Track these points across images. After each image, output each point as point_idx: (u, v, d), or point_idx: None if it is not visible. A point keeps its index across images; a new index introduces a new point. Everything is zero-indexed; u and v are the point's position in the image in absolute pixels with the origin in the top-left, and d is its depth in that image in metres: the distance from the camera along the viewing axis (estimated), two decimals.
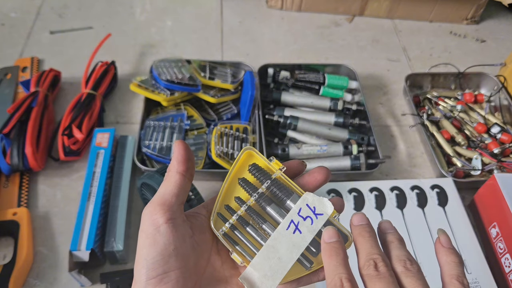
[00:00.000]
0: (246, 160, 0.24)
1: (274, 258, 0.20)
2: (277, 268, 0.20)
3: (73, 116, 0.54)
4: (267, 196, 0.23)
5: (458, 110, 0.63)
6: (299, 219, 0.21)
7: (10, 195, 0.51)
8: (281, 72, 0.64)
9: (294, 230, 0.21)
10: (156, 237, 0.20)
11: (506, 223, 0.45)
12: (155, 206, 0.21)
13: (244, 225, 0.22)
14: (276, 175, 0.23)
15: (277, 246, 0.21)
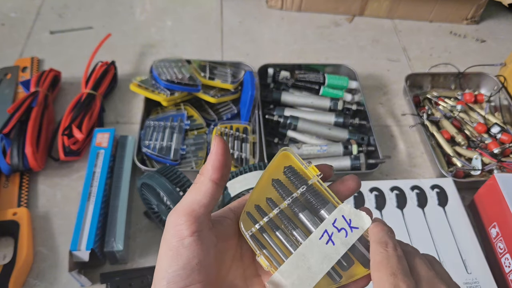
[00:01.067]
0: (282, 161, 0.23)
1: (304, 267, 0.20)
2: (306, 278, 0.19)
3: (73, 116, 0.54)
4: (301, 201, 0.22)
5: (458, 110, 0.63)
6: (334, 230, 0.20)
7: (10, 195, 0.50)
8: (281, 72, 0.64)
9: (327, 240, 0.20)
10: (179, 250, 0.19)
11: (506, 223, 0.45)
12: (181, 215, 0.19)
13: (274, 228, 0.21)
14: (312, 181, 0.22)
15: (308, 255, 0.20)
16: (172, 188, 0.40)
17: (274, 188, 0.22)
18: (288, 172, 0.22)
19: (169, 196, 0.40)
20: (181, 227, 0.19)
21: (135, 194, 0.52)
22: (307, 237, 0.20)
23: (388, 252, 0.19)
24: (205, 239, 0.19)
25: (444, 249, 0.45)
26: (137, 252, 0.47)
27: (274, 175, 0.22)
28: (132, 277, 0.44)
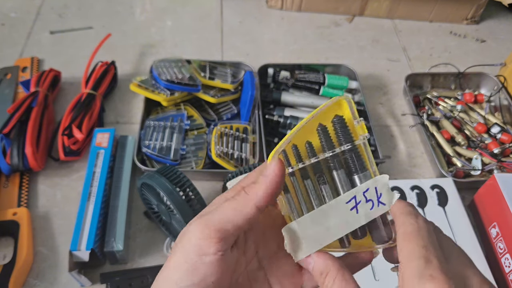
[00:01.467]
0: (334, 108, 0.20)
1: (323, 225, 0.19)
2: (321, 237, 0.19)
3: (73, 116, 0.54)
4: (340, 158, 0.20)
5: (458, 110, 0.63)
6: (362, 199, 0.20)
7: (10, 195, 0.50)
8: (281, 72, 0.64)
9: (352, 207, 0.19)
10: (197, 265, 0.17)
11: (506, 223, 0.45)
12: (211, 230, 0.17)
13: (304, 177, 0.20)
14: (358, 142, 0.20)
15: (331, 215, 0.19)
16: (172, 188, 0.40)
17: (318, 134, 0.20)
18: (337, 123, 0.20)
19: (169, 196, 0.40)
20: (207, 243, 0.17)
21: (135, 194, 0.52)
22: (334, 197, 0.20)
23: (419, 224, 0.18)
24: (228, 259, 0.18)
25: None
26: (137, 252, 0.48)
27: (322, 120, 0.20)
28: (132, 277, 0.44)
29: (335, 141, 0.20)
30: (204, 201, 0.42)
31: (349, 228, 0.20)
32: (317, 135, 0.20)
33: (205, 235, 0.17)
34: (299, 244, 0.19)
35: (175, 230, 0.45)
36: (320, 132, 0.20)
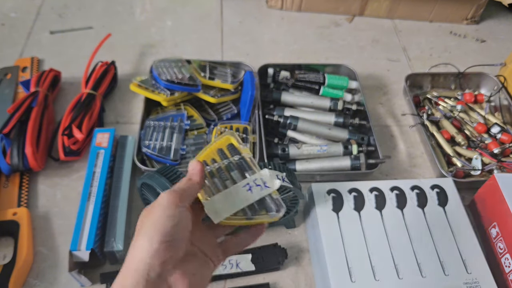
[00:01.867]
0: (225, 141, 0.33)
1: (229, 200, 0.29)
2: (229, 207, 0.29)
3: (73, 116, 0.54)
4: (234, 164, 0.32)
5: (458, 110, 0.63)
6: (253, 184, 0.30)
7: (10, 195, 0.51)
8: (281, 72, 0.64)
9: (248, 189, 0.30)
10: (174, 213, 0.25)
11: (506, 223, 0.45)
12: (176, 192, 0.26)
13: (212, 176, 0.31)
14: (244, 155, 0.32)
15: (234, 194, 0.29)
16: None
17: (218, 154, 0.32)
18: (229, 147, 0.32)
19: None
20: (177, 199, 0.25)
21: (135, 194, 0.52)
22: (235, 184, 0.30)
23: None
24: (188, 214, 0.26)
25: (444, 249, 0.45)
26: None
27: (219, 147, 0.33)
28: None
29: (229, 156, 0.32)
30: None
31: (248, 202, 0.29)
32: (218, 156, 0.32)
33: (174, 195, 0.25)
34: (215, 213, 0.28)
35: None
36: (219, 152, 0.32)
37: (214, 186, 0.30)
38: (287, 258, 0.47)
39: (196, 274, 0.26)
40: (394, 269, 0.44)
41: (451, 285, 0.43)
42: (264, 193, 0.30)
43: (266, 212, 0.30)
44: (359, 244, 0.45)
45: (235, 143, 0.32)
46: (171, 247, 0.24)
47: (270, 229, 0.51)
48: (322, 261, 0.44)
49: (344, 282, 0.42)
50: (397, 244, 0.45)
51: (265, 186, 0.30)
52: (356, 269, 0.43)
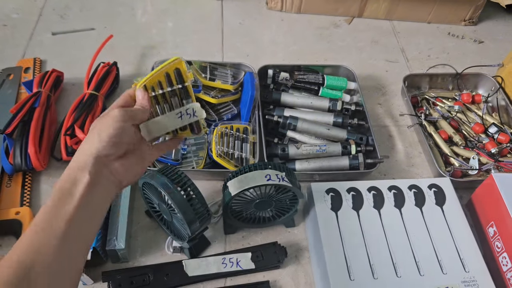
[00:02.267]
0: (176, 64, 0.37)
1: (161, 124, 0.37)
2: (159, 129, 0.37)
3: (76, 116, 0.55)
4: (175, 91, 0.38)
5: (456, 110, 0.64)
6: (185, 113, 0.38)
7: (13, 194, 0.51)
8: (281, 73, 0.64)
9: (179, 116, 0.38)
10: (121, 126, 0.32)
11: (504, 222, 0.46)
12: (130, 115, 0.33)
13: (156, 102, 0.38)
14: (187, 84, 0.38)
15: (166, 119, 0.37)
16: (173, 187, 0.41)
17: (165, 77, 0.37)
18: (176, 72, 0.37)
19: (170, 196, 0.40)
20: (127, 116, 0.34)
21: (136, 193, 0.53)
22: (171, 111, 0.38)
23: None
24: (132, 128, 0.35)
25: (442, 248, 0.46)
26: (138, 250, 0.48)
27: (168, 70, 0.37)
28: (134, 276, 0.44)
29: (174, 83, 0.37)
30: (205, 200, 0.43)
31: (177, 126, 0.38)
32: (164, 78, 0.37)
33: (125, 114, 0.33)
34: (149, 132, 0.36)
35: (176, 229, 0.46)
36: (166, 76, 0.37)
37: (154, 111, 0.38)
38: (287, 257, 0.47)
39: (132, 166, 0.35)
40: (393, 267, 0.44)
41: (449, 283, 0.43)
42: (192, 120, 0.38)
43: (190, 131, 0.40)
44: (358, 243, 0.45)
45: (183, 69, 0.37)
46: (114, 146, 0.32)
47: (270, 228, 0.51)
48: (321, 260, 0.45)
49: (343, 280, 0.42)
50: (396, 243, 0.46)
51: (194, 115, 0.38)
52: (355, 268, 0.43)
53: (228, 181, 0.44)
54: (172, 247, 0.48)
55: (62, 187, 0.30)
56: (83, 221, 0.30)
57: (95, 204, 0.31)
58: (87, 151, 0.31)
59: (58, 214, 0.29)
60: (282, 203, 0.46)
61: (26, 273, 0.26)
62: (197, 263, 0.46)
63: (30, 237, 0.28)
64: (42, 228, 0.28)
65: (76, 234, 0.29)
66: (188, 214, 0.41)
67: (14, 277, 0.26)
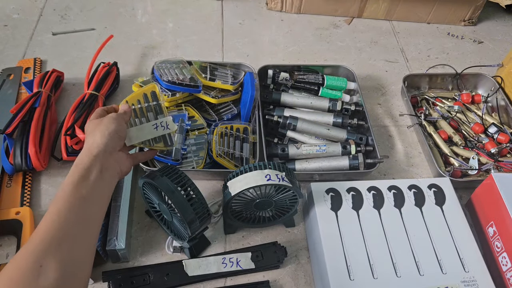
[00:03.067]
0: (150, 88, 0.47)
1: (140, 133, 0.44)
2: (138, 137, 0.44)
3: (76, 116, 0.55)
4: (151, 107, 0.46)
5: (456, 110, 0.64)
6: (159, 125, 0.45)
7: (13, 194, 0.51)
8: (280, 73, 0.64)
9: (155, 127, 0.45)
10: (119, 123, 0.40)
11: (503, 222, 0.46)
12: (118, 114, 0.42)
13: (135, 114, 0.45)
14: (161, 102, 0.47)
15: (144, 129, 0.44)
16: (174, 187, 0.41)
17: (143, 97, 0.46)
18: (152, 94, 0.47)
19: (170, 196, 0.40)
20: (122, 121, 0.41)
21: (137, 193, 0.53)
22: (148, 122, 0.45)
23: None
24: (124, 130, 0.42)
25: (441, 247, 0.46)
26: (139, 250, 0.48)
27: (145, 91, 0.47)
28: (134, 275, 0.44)
29: (150, 100, 0.46)
30: (205, 200, 0.43)
31: (153, 135, 0.45)
32: (142, 98, 0.46)
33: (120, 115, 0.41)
34: (130, 139, 0.43)
35: (177, 229, 0.46)
36: (143, 96, 0.46)
37: (134, 121, 0.44)
38: (287, 256, 0.47)
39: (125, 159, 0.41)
40: (392, 267, 0.44)
41: (449, 283, 0.43)
42: (165, 132, 0.45)
43: (163, 144, 0.46)
44: (358, 243, 0.45)
45: (157, 91, 0.47)
46: (116, 139, 0.39)
47: (270, 228, 0.51)
48: (321, 260, 0.45)
49: (343, 280, 0.42)
50: (395, 243, 0.46)
51: (167, 127, 0.45)
52: (354, 267, 0.43)
53: (228, 181, 0.44)
54: (172, 247, 0.48)
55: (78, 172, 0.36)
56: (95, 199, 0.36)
57: (105, 186, 0.38)
58: (95, 144, 0.37)
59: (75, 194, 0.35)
60: (282, 203, 0.46)
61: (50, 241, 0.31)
62: (197, 263, 0.46)
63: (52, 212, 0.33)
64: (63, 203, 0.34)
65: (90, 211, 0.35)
66: (188, 214, 0.41)
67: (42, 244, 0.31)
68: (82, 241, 0.34)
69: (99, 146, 0.37)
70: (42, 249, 0.31)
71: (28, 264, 0.30)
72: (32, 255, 0.30)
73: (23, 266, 0.30)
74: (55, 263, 0.30)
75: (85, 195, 0.35)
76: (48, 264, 0.30)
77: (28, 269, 0.29)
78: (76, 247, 0.33)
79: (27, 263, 0.30)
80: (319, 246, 0.45)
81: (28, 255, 0.30)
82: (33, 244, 0.31)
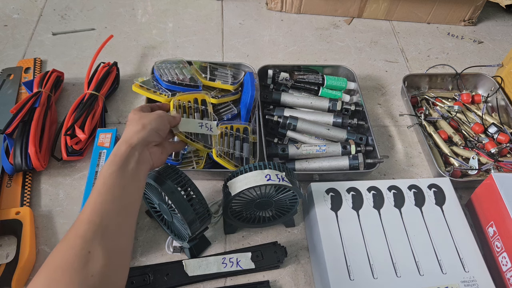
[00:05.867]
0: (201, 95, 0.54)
1: (187, 125, 0.47)
2: (185, 127, 0.47)
3: (76, 117, 0.55)
4: (200, 110, 0.52)
5: (456, 110, 0.64)
6: (204, 125, 0.49)
7: (13, 194, 0.51)
8: (280, 73, 0.64)
9: (200, 125, 0.49)
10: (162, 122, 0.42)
11: (503, 222, 0.46)
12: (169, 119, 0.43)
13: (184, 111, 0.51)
14: (209, 108, 0.53)
15: (191, 123, 0.48)
16: (174, 187, 0.41)
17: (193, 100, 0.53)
18: (202, 101, 0.54)
19: (170, 196, 0.40)
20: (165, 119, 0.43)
21: None
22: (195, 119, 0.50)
23: None
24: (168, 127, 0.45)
25: (441, 247, 0.46)
26: (139, 250, 0.48)
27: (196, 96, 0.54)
28: (134, 275, 0.44)
29: (199, 104, 0.53)
30: (205, 200, 0.43)
31: (197, 131, 0.48)
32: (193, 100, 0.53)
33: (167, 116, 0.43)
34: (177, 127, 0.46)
35: (177, 229, 0.46)
36: (194, 99, 0.53)
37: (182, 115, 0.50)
38: (287, 256, 0.47)
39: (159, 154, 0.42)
40: (392, 267, 0.44)
41: (449, 283, 0.43)
42: (208, 133, 0.49)
43: (203, 143, 0.49)
44: (358, 243, 0.45)
45: (207, 99, 0.54)
46: (155, 135, 0.40)
47: (270, 228, 0.51)
48: (321, 260, 0.45)
49: (342, 280, 0.43)
50: (395, 243, 0.46)
51: (210, 129, 0.49)
52: (354, 267, 0.43)
53: (228, 181, 0.44)
54: (172, 247, 0.48)
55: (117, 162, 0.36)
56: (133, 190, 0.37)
57: (141, 178, 0.38)
58: (136, 136, 0.39)
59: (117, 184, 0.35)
60: (282, 203, 0.46)
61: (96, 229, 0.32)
62: (197, 263, 0.46)
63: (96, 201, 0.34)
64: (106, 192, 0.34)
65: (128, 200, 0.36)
66: (188, 214, 0.41)
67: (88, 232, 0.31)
68: (125, 230, 0.34)
69: (139, 138, 0.38)
70: (91, 235, 0.31)
71: (76, 250, 0.29)
72: (81, 239, 0.30)
73: (71, 253, 0.29)
74: (102, 250, 0.30)
75: (125, 185, 0.35)
76: (96, 251, 0.30)
77: (76, 255, 0.29)
78: (120, 236, 0.33)
79: (75, 249, 0.30)
80: (319, 246, 0.45)
81: (78, 239, 0.30)
82: (82, 229, 0.31)
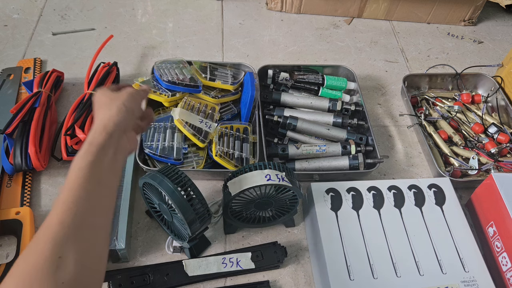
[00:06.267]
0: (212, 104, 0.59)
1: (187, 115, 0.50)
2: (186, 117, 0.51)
3: (76, 116, 0.55)
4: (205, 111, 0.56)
5: (456, 110, 0.64)
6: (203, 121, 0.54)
7: (13, 194, 0.51)
8: (280, 73, 0.64)
9: (200, 121, 0.52)
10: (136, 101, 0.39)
11: (503, 222, 0.46)
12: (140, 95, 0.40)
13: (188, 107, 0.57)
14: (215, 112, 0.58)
15: (191, 116, 0.52)
16: (174, 187, 0.41)
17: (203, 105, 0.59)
18: (212, 108, 0.58)
19: (170, 196, 0.40)
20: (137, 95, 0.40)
21: (137, 193, 0.53)
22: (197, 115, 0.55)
23: None
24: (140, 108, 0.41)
25: (441, 247, 0.46)
26: (139, 250, 0.48)
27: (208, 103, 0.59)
28: (134, 275, 0.44)
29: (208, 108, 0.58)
30: (205, 200, 0.43)
31: (196, 124, 0.52)
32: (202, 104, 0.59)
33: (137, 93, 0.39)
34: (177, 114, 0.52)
35: (177, 229, 0.46)
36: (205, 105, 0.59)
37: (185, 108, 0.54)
38: (287, 256, 0.47)
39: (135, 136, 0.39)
40: (392, 267, 0.44)
41: (449, 283, 0.43)
42: (206, 129, 0.52)
43: (198, 138, 0.52)
44: (358, 243, 0.45)
45: (217, 108, 0.57)
46: (131, 117, 0.37)
47: (270, 228, 0.51)
48: (321, 259, 0.45)
49: (342, 280, 0.43)
50: (395, 243, 0.46)
51: (209, 128, 0.53)
52: (354, 267, 0.43)
53: (228, 181, 0.44)
54: (172, 247, 0.48)
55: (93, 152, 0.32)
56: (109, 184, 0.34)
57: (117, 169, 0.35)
58: (112, 120, 0.35)
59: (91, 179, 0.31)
60: (282, 203, 0.46)
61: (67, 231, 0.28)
62: (197, 263, 0.46)
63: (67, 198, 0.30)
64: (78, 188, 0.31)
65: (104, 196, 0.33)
66: (188, 214, 0.41)
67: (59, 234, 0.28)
68: (99, 230, 0.31)
69: (116, 122, 0.34)
70: (61, 237, 0.27)
71: (46, 255, 0.26)
72: (51, 243, 0.27)
73: (40, 258, 0.26)
74: (75, 253, 0.27)
75: (100, 179, 0.32)
76: (67, 255, 0.27)
77: (46, 261, 0.26)
78: (95, 237, 0.30)
79: (45, 254, 0.27)
80: (319, 246, 0.45)
81: (48, 242, 0.27)
82: (52, 232, 0.28)
